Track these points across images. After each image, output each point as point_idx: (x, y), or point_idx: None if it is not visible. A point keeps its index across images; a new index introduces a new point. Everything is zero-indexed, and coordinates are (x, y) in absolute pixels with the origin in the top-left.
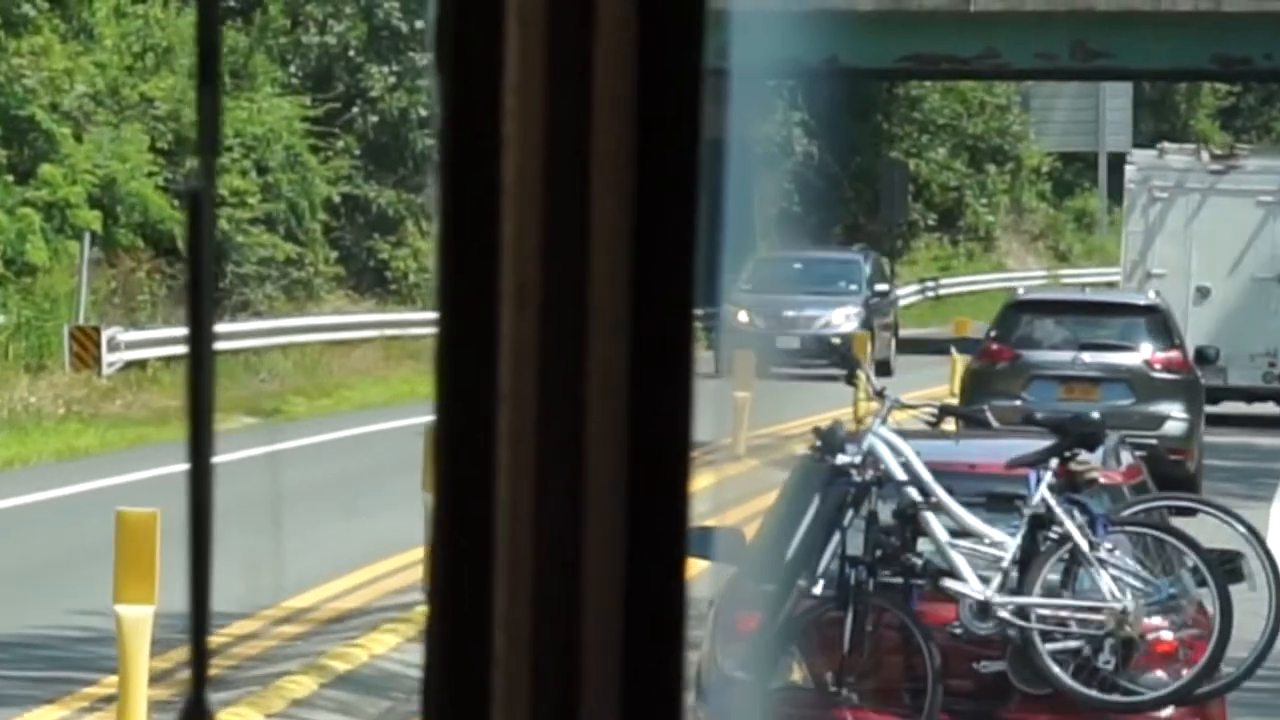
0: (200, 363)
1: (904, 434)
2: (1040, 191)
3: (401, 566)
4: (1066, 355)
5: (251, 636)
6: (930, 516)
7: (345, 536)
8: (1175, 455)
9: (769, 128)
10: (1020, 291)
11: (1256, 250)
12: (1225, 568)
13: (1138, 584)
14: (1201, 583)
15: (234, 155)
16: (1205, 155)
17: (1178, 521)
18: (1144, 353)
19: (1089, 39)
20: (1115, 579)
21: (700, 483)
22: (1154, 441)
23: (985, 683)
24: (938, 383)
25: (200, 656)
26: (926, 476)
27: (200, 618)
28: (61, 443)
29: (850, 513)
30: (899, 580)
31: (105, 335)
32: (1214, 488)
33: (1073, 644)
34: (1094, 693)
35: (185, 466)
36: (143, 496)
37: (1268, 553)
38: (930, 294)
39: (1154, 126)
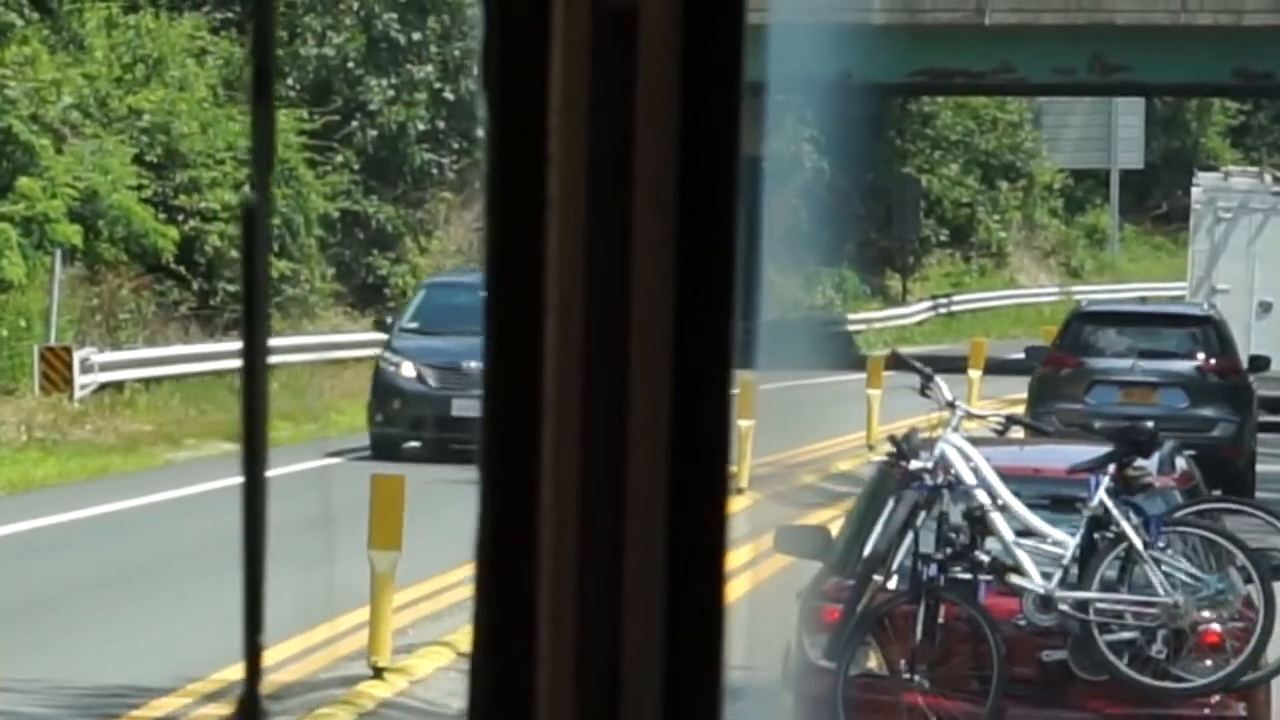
0: (254, 379)
1: (974, 441)
2: (1052, 208)
3: (348, 630)
4: (1126, 362)
5: None
6: (997, 517)
7: (296, 590)
8: (1225, 454)
9: (778, 143)
10: (1084, 304)
11: None
12: (1270, 566)
13: (1188, 580)
14: (1248, 579)
15: (226, 169)
16: (1268, 178)
17: (1227, 522)
18: (1198, 360)
19: (1108, 53)
20: (1167, 575)
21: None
22: (1206, 442)
23: (1047, 670)
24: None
25: (254, 665)
26: (994, 480)
27: (254, 623)
28: (17, 473)
29: (923, 513)
30: (968, 576)
31: (78, 356)
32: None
33: (1128, 635)
34: (1147, 680)
35: (144, 500)
36: (80, 538)
37: None
38: (943, 310)
39: (1165, 144)
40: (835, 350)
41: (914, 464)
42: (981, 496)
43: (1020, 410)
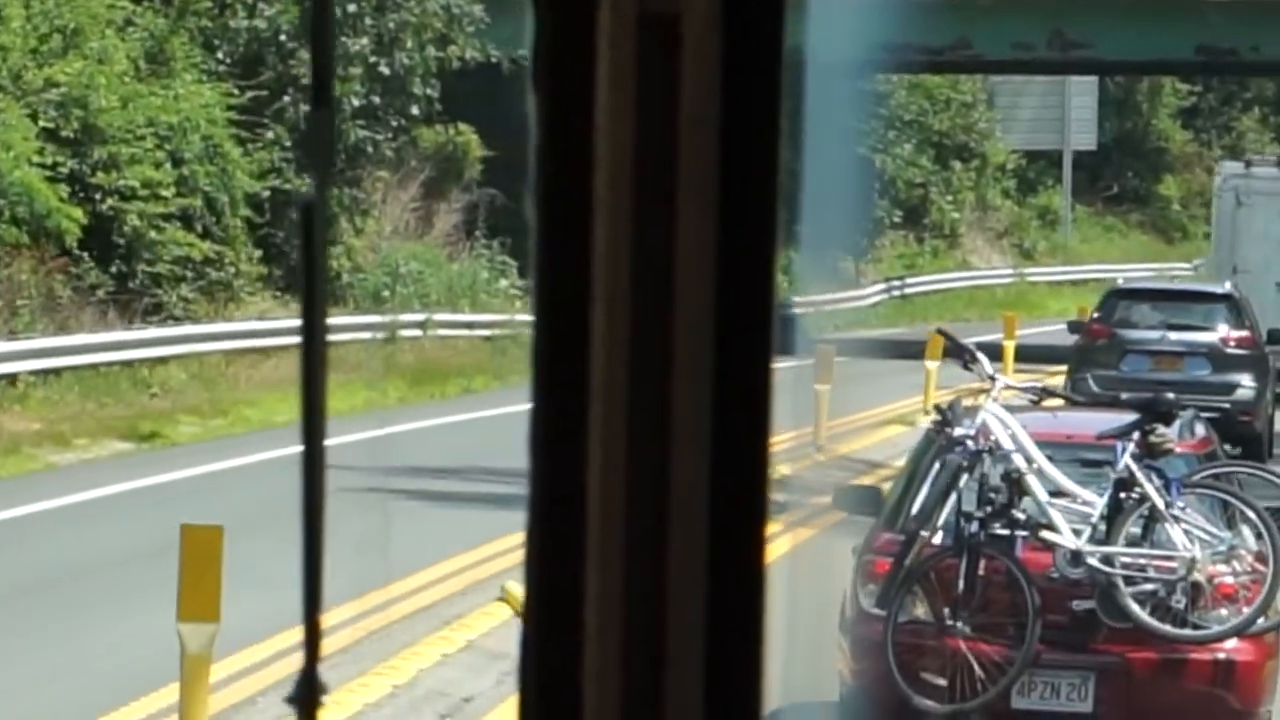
0: (313, 374)
1: (1012, 410)
2: (1005, 189)
3: None
4: (1156, 334)
5: None
6: (1032, 479)
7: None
8: (1244, 417)
9: None
10: (1120, 282)
11: None
12: (1279, 523)
13: (1205, 536)
14: (1259, 535)
15: (146, 146)
16: None
17: (1240, 483)
18: (1220, 332)
19: (1068, 28)
20: (1186, 532)
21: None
22: (1227, 406)
23: (1077, 618)
24: (893, 396)
25: (313, 634)
26: (1030, 446)
27: (312, 597)
28: None
29: (965, 475)
30: (1005, 532)
31: None
32: None
33: (1150, 586)
34: (1168, 627)
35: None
36: None
37: None
38: (896, 293)
39: (1118, 125)
40: (782, 335)
41: (957, 431)
42: (1018, 460)
43: (1059, 380)
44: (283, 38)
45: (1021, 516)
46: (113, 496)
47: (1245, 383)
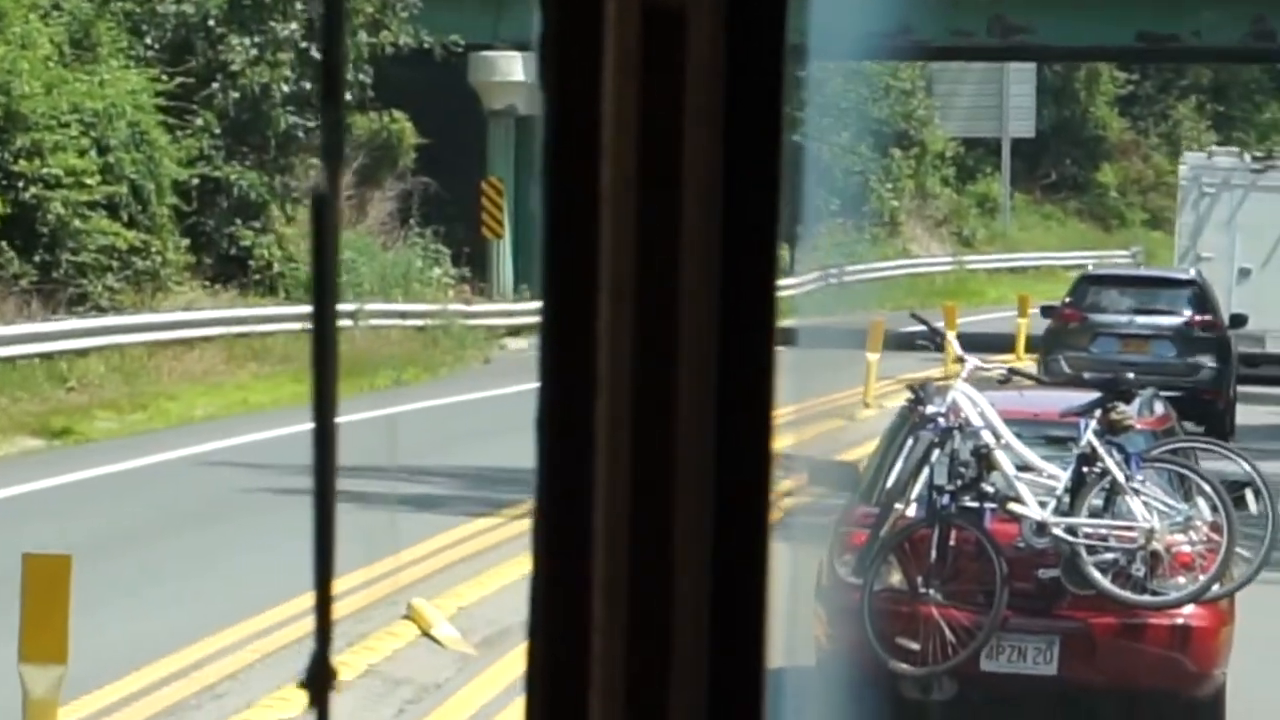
0: (324, 364)
1: (981, 389)
2: (944, 176)
3: None
4: (1124, 318)
5: None
6: (1000, 454)
7: None
8: (1207, 396)
9: None
10: (1091, 268)
11: None
12: (1232, 496)
13: (1163, 508)
14: (1214, 507)
15: (70, 133)
16: (1247, 157)
17: (1197, 458)
18: (1185, 316)
19: (1009, 13)
20: (1145, 504)
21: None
22: (1191, 385)
23: (1043, 586)
24: (831, 388)
25: (324, 617)
26: (998, 423)
27: (324, 576)
28: None
29: (937, 451)
30: (975, 505)
31: None
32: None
33: (1111, 555)
34: (1128, 594)
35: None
36: None
37: (1265, 486)
38: (834, 281)
39: (1056, 113)
40: None
41: (929, 409)
42: (987, 436)
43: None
44: (211, 23)
45: (990, 490)
46: (21, 496)
47: (1208, 364)
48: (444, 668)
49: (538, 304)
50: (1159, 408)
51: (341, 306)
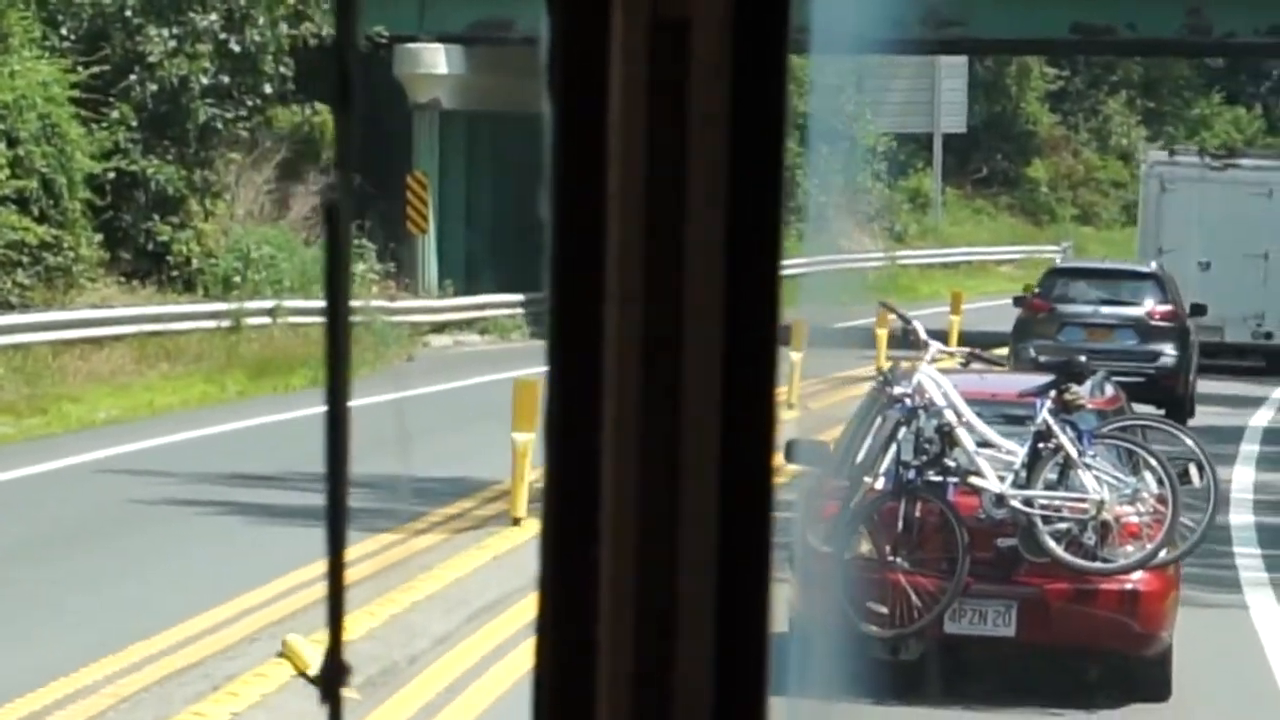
0: (337, 369)
1: (944, 371)
2: (875, 171)
3: None
4: (1089, 308)
5: None
6: (962, 432)
7: None
8: (1168, 381)
9: None
10: (1058, 261)
11: (1247, 232)
12: (1177, 471)
13: (1113, 481)
14: (1160, 481)
15: None
16: (1207, 156)
17: (1145, 435)
18: (1146, 306)
19: (942, 6)
20: (1096, 477)
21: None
22: (1153, 371)
23: (1001, 554)
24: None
25: (336, 614)
26: (960, 403)
27: (335, 572)
28: None
29: (904, 429)
30: (939, 479)
31: None
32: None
33: (1065, 525)
34: (1080, 561)
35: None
36: None
37: (1208, 461)
38: None
39: (987, 108)
40: None
41: (897, 390)
42: (950, 416)
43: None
44: (129, 13)
45: (953, 465)
46: None
47: (1168, 351)
48: (317, 716)
49: (462, 300)
50: (1109, 389)
51: (260, 304)
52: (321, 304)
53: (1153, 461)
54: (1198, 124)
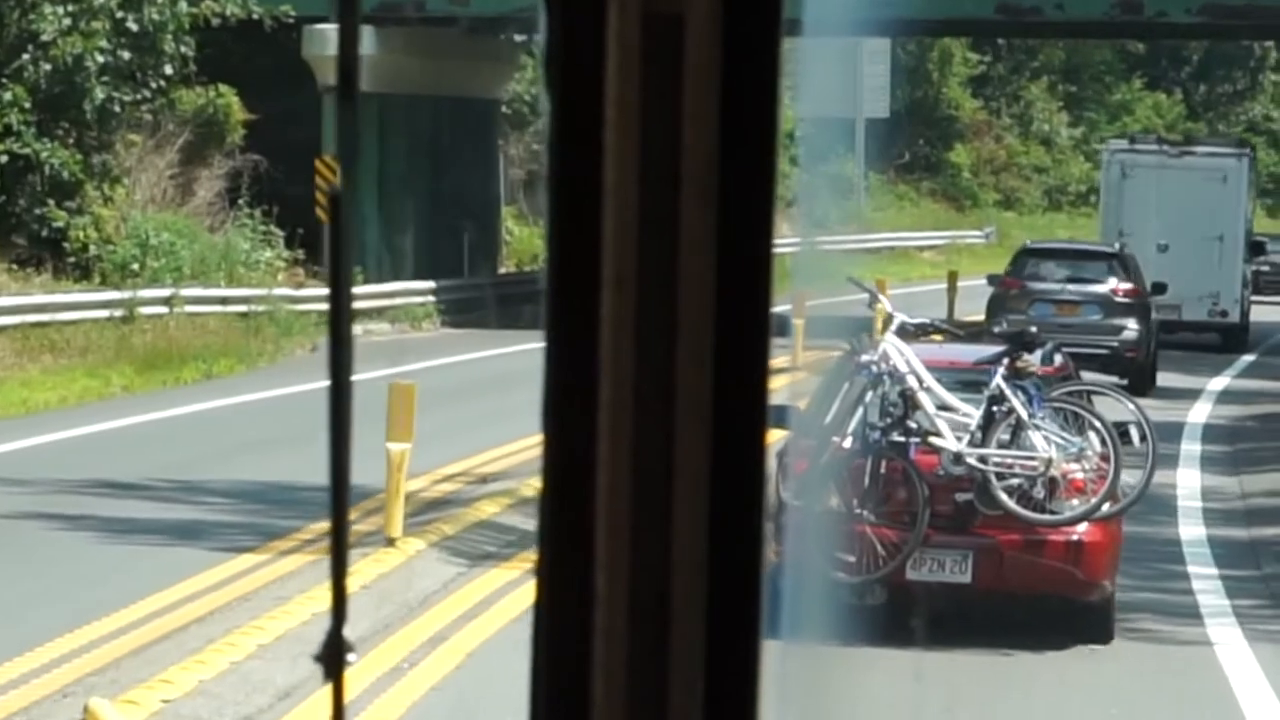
0: (340, 358)
1: (907, 340)
2: (794, 156)
3: None
4: (1058, 286)
5: None
6: (923, 396)
7: None
8: (1130, 353)
9: (519, 86)
10: (1028, 242)
11: (1203, 216)
12: (1119, 432)
13: (1060, 441)
14: (1103, 441)
15: None
16: (1165, 144)
17: (1093, 400)
18: (1110, 284)
19: None
20: (1045, 438)
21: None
22: (1116, 344)
23: (959, 507)
24: None
25: (339, 597)
26: (921, 369)
27: (339, 559)
28: None
29: (870, 393)
30: (902, 439)
31: None
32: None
33: (1016, 481)
34: (1031, 514)
35: None
36: None
37: (1148, 423)
38: None
39: (909, 93)
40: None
41: (863, 357)
42: (912, 381)
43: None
44: None
45: (914, 426)
46: None
47: (1131, 325)
48: None
49: (371, 288)
50: (1058, 358)
51: (156, 292)
52: (222, 292)
53: (1096, 424)
54: (1119, 109)
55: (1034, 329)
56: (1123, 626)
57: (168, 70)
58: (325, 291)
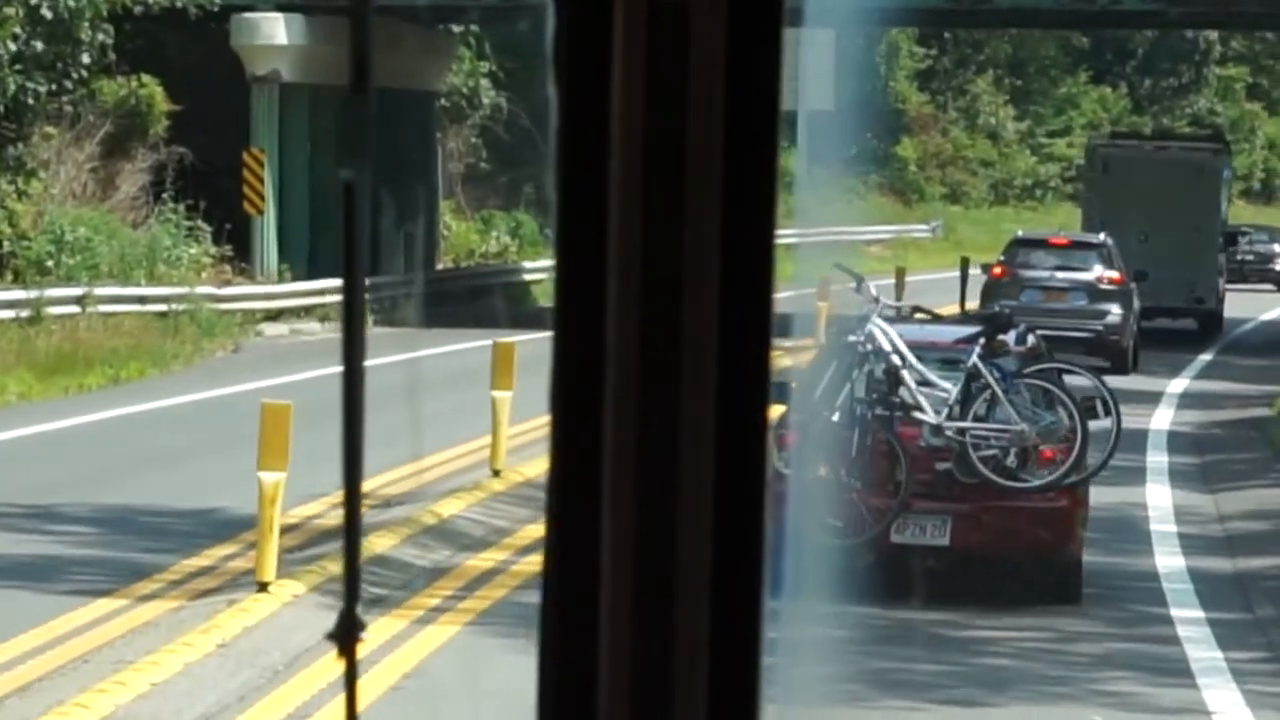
0: (353, 340)
1: (891, 322)
2: None
3: None
4: (1046, 273)
5: None
6: (906, 373)
7: None
8: (1113, 337)
9: (456, 78)
10: (1019, 233)
11: (1181, 208)
12: (1085, 407)
13: (1031, 415)
14: (1070, 415)
15: None
16: (1145, 140)
17: (1065, 378)
18: (1095, 272)
19: None
20: (1018, 411)
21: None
22: (1100, 328)
23: (938, 476)
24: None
25: (352, 576)
26: (904, 348)
27: (352, 538)
28: None
29: (857, 370)
30: (886, 413)
31: None
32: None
33: (991, 451)
34: (1005, 481)
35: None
36: None
37: (1112, 399)
38: None
39: (855, 86)
40: (508, 304)
41: (850, 338)
42: (895, 360)
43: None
44: None
45: (898, 401)
46: None
47: (1114, 310)
48: None
49: (301, 285)
50: (1030, 339)
51: (67, 291)
52: (140, 290)
53: (1065, 399)
54: (1065, 103)
55: (1007, 311)
56: (1105, 690)
57: (86, 60)
58: (254, 289)
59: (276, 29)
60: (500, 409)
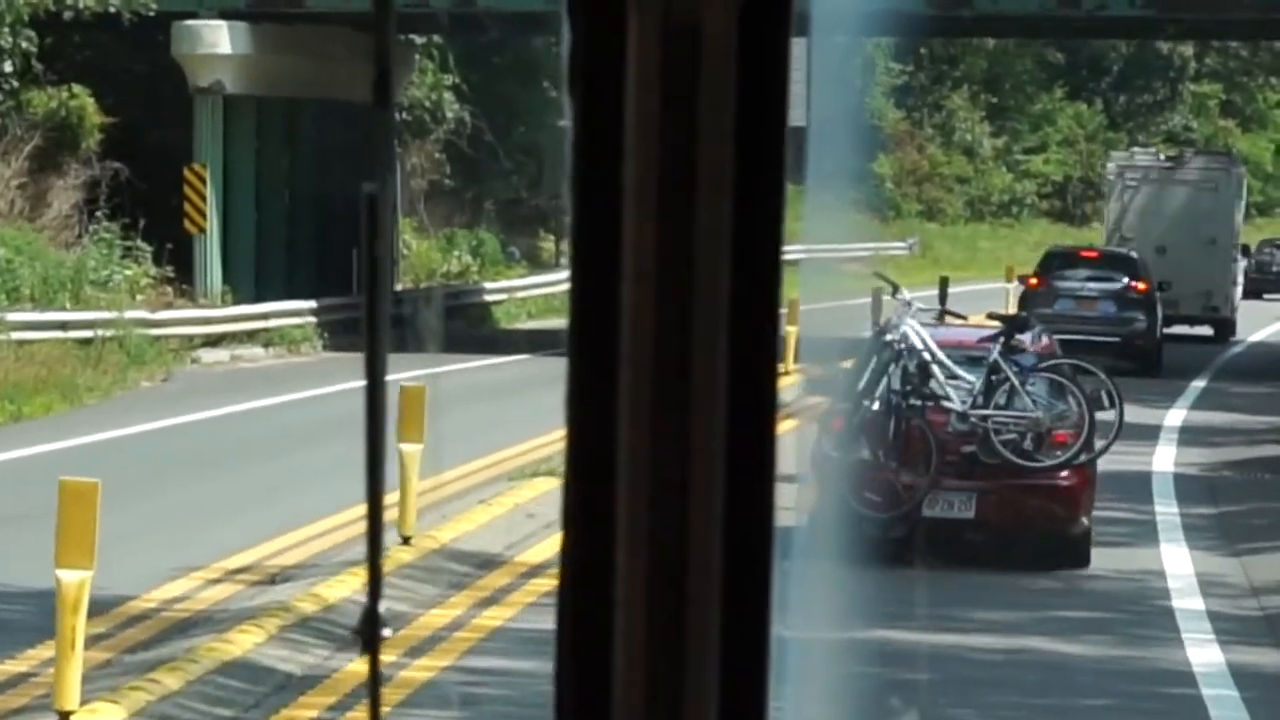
0: (375, 349)
1: (922, 323)
2: None
3: None
4: (1078, 284)
5: None
6: (935, 368)
7: None
8: (1139, 342)
9: (418, 92)
10: (1053, 246)
11: (1197, 222)
12: (1093, 396)
13: (1046, 404)
14: (1080, 404)
15: None
16: (1162, 157)
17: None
18: (1123, 282)
19: None
20: (1034, 401)
21: None
22: (1127, 334)
23: (964, 457)
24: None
25: (375, 574)
26: (934, 346)
27: (375, 538)
28: None
29: (893, 365)
30: (918, 402)
31: None
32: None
33: (1010, 436)
34: (1023, 461)
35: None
36: None
37: (1117, 391)
38: None
39: (830, 101)
40: (468, 326)
41: (888, 336)
42: (927, 356)
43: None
44: None
45: (928, 392)
46: None
47: (1140, 318)
48: None
49: (243, 309)
50: (1045, 338)
51: None
52: (62, 315)
53: (1075, 390)
54: (1040, 119)
55: (1025, 315)
56: None
57: (7, 68)
58: (191, 313)
59: (220, 37)
60: (409, 464)
